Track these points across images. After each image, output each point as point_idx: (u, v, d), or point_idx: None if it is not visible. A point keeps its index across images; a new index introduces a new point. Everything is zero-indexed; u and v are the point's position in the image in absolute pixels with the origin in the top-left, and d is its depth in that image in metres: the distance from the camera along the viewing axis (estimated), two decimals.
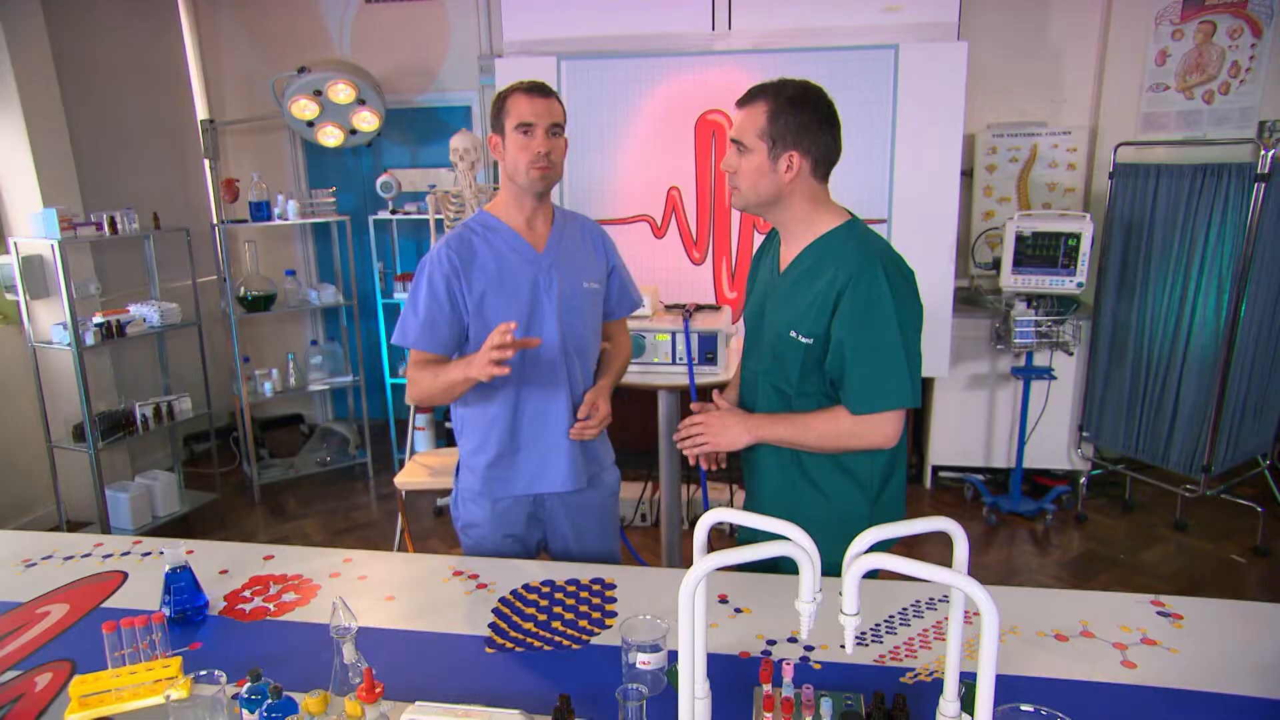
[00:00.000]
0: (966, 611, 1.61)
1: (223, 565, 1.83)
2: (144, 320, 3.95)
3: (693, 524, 3.92)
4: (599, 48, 3.98)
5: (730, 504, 3.70)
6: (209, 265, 4.83)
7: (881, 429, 1.61)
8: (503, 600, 1.66)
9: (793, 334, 1.65)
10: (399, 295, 4.46)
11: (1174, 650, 1.43)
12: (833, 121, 1.63)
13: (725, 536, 3.74)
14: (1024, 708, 1.09)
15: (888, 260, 1.59)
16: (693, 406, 1.83)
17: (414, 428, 3.43)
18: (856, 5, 3.86)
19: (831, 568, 1.22)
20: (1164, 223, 3.59)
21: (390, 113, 4.69)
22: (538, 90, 1.80)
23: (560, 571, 1.78)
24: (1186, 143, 4.20)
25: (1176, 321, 3.60)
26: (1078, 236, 3.56)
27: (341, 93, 4.40)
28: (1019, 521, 3.96)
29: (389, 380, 4.58)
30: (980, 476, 4.26)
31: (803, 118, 1.60)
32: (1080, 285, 3.61)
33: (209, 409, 4.27)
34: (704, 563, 1.02)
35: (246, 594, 1.71)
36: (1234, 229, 3.34)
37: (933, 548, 3.58)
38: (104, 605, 1.69)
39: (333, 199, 4.40)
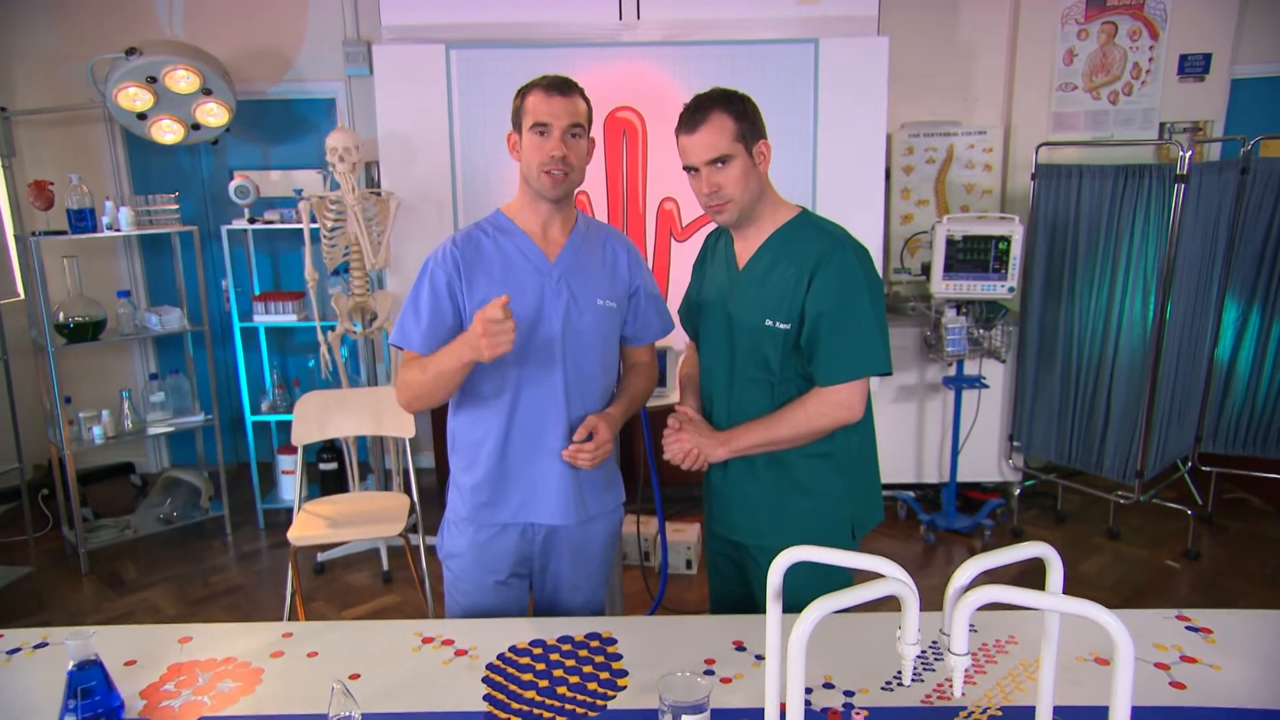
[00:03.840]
0: (985, 645, 1.68)
1: (127, 654, 1.66)
2: None
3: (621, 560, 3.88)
4: (493, 36, 3.93)
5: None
6: (6, 286, 4.39)
7: (849, 400, 1.80)
8: (491, 668, 1.59)
9: (769, 322, 1.82)
10: (259, 318, 4.21)
11: (1216, 667, 1.53)
12: None
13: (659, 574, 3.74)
14: None
15: (849, 240, 1.84)
16: (670, 420, 1.95)
17: (301, 472, 3.20)
18: None
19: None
20: (1088, 224, 3.89)
21: (237, 105, 4.43)
22: (557, 88, 1.80)
23: (548, 629, 1.73)
24: (1106, 143, 4.58)
25: (1104, 325, 3.90)
26: (1008, 240, 3.81)
27: (182, 80, 4.11)
28: (956, 539, 4.17)
29: (249, 418, 4.30)
30: (911, 493, 4.46)
31: (752, 111, 1.83)
32: (1012, 290, 3.85)
33: (20, 463, 3.87)
34: (816, 608, 1.00)
35: (169, 687, 1.56)
36: (1157, 230, 3.67)
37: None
38: None
39: (175, 206, 4.10)
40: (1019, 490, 4.36)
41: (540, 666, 1.59)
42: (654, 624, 1.77)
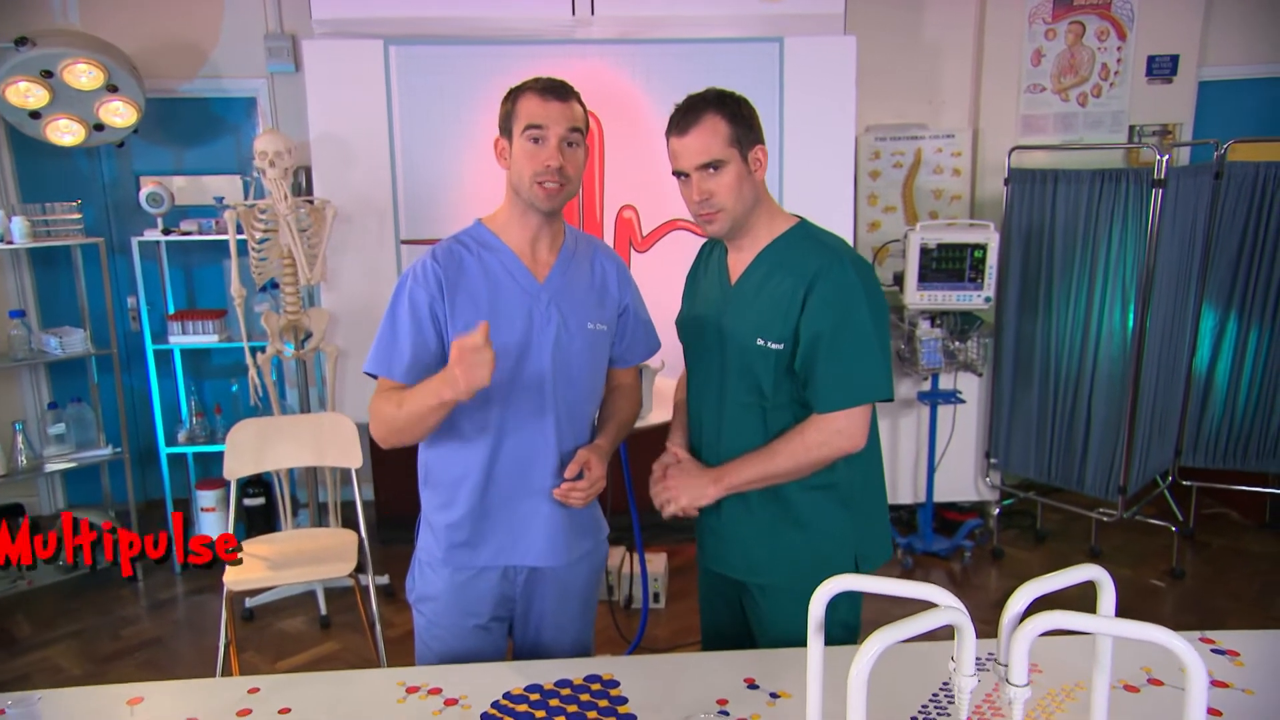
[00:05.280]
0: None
1: None
2: None
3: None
4: (436, 31, 3.91)
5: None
6: None
7: (850, 429, 1.78)
8: (486, 717, 1.57)
9: (760, 342, 1.82)
10: (175, 339, 4.09)
11: (1249, 692, 1.59)
12: None
13: (624, 608, 3.73)
14: None
15: (850, 253, 1.83)
16: (655, 466, 1.96)
17: (235, 509, 3.11)
18: None
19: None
20: (1064, 231, 4.03)
21: (145, 104, 4.31)
22: (554, 91, 1.78)
23: (543, 672, 1.71)
24: (1079, 147, 4.74)
25: (1083, 335, 4.03)
26: (984, 248, 3.92)
27: (83, 75, 3.99)
28: (933, 562, 4.25)
29: (163, 450, 4.17)
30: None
31: (748, 113, 1.83)
32: (988, 300, 3.96)
33: None
34: (877, 640, 1.02)
35: None
36: (1134, 237, 3.81)
37: None
38: None
39: (77, 215, 3.98)
40: (997, 510, 4.47)
41: (540, 714, 1.58)
42: (657, 663, 1.77)
